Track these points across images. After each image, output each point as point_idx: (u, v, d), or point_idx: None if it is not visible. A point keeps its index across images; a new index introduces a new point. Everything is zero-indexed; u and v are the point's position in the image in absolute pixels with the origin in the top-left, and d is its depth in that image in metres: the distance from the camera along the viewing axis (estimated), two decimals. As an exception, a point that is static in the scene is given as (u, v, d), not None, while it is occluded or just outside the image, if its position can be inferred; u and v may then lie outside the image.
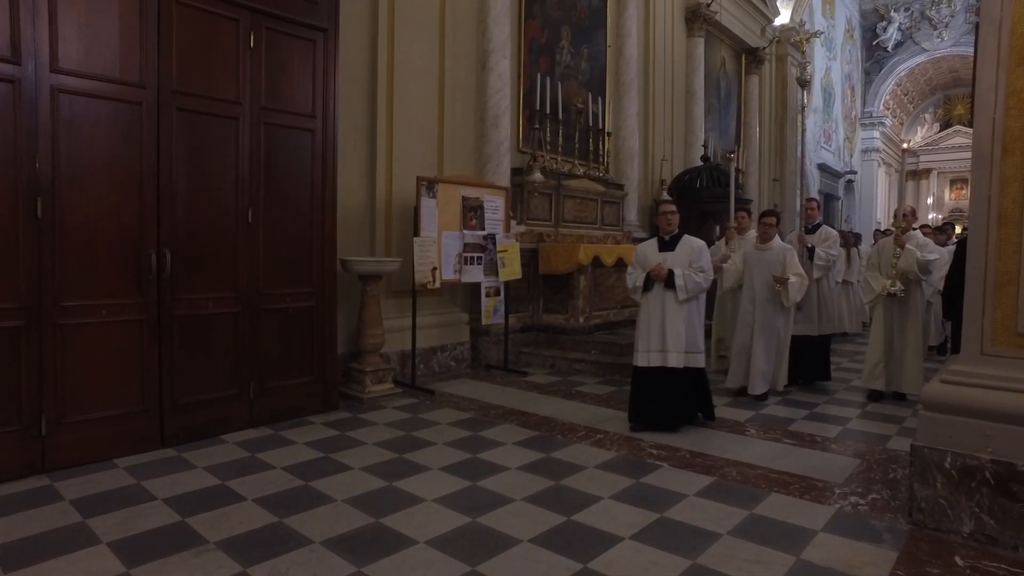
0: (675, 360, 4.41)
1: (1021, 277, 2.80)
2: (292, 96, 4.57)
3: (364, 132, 5.70)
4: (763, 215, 5.70)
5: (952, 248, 7.38)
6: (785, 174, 14.74)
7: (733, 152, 6.90)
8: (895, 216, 5.39)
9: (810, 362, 5.96)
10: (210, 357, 4.17)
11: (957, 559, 2.70)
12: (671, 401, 4.45)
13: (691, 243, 4.55)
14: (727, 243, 6.36)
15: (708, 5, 10.79)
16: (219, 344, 4.22)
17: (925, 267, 5.12)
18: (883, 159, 24.20)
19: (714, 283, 4.97)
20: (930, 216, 24.77)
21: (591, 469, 3.71)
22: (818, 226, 6.10)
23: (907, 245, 5.13)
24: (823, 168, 18.66)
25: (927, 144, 26.20)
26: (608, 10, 9.08)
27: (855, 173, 21.98)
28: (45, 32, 3.44)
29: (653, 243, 4.67)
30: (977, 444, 2.83)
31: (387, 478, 3.54)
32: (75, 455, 3.57)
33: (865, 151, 23.14)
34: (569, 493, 3.37)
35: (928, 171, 26.40)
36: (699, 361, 4.50)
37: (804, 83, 10.06)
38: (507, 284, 6.37)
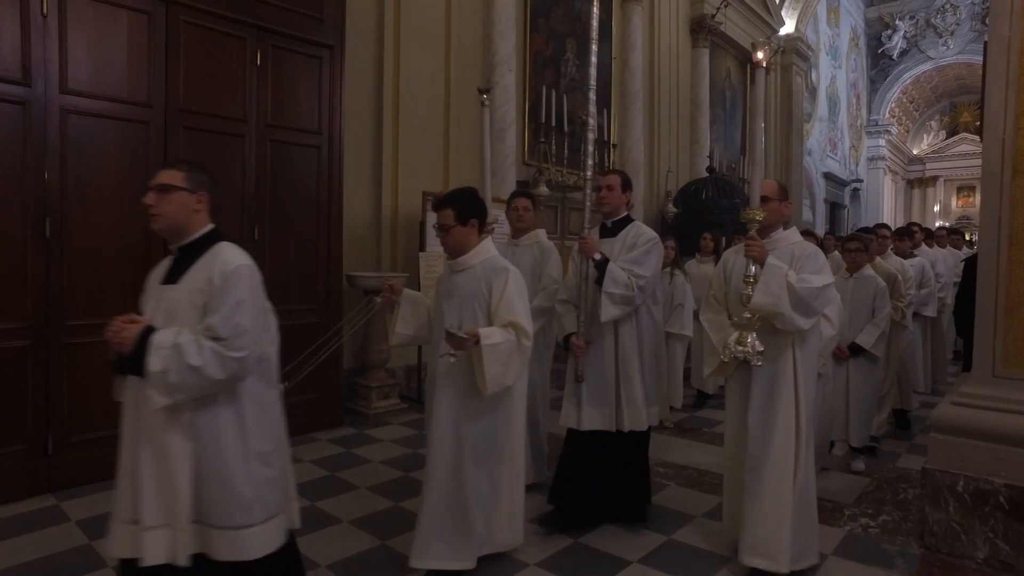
0: (155, 550, 1.88)
1: (1033, 298, 2.78)
2: (298, 113, 4.59)
3: (370, 148, 5.70)
4: (440, 201, 2.82)
5: (919, 260, 5.65)
6: (791, 183, 14.70)
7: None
8: (748, 201, 2.70)
9: (604, 481, 3.15)
10: (216, 374, 4.16)
11: (971, 585, 2.66)
12: None
13: (214, 269, 2.02)
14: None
15: (713, 16, 10.81)
16: (225, 361, 4.20)
17: (805, 303, 2.54)
18: (889, 167, 24.13)
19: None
20: (936, 224, 24.60)
21: (598, 489, 3.68)
22: (624, 222, 3.32)
23: (769, 259, 2.59)
24: (828, 177, 18.60)
25: (933, 151, 26.10)
26: (613, 22, 9.09)
27: (861, 181, 21.94)
28: (55, 54, 3.46)
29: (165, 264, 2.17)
30: (990, 468, 2.79)
31: (393, 498, 3.52)
32: (81, 474, 3.56)
33: (871, 159, 23.08)
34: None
35: (935, 178, 26.28)
36: (246, 547, 1.98)
37: None
38: (513, 298, 6.32)
